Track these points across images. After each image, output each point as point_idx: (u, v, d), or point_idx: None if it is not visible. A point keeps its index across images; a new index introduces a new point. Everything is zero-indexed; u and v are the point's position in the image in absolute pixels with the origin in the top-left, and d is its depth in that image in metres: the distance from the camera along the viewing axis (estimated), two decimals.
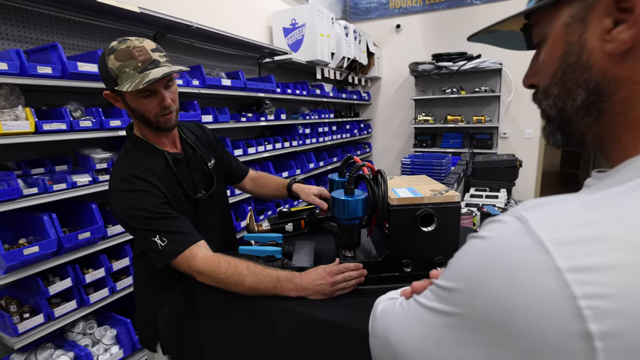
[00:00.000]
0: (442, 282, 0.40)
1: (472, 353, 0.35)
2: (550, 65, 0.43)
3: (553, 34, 0.42)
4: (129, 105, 1.01)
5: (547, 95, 0.45)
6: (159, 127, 1.04)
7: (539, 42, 0.46)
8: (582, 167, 7.22)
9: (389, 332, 0.47)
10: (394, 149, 5.96)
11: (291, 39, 3.76)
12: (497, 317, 0.33)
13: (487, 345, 0.34)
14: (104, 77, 0.98)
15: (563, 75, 0.41)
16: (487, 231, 0.38)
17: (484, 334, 0.34)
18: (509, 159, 2.82)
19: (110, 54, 0.95)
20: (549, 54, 0.43)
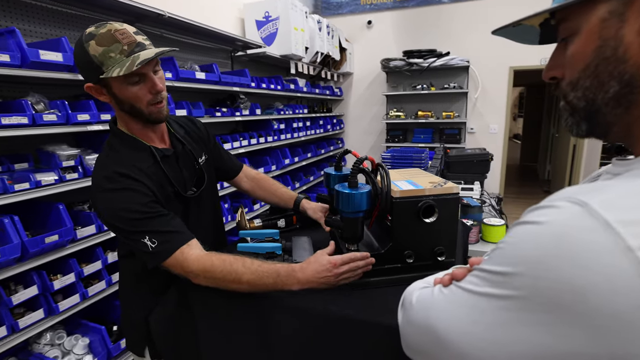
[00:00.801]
0: (494, 268, 0.41)
1: (534, 333, 0.36)
2: (582, 58, 0.44)
3: (588, 28, 0.43)
4: (116, 96, 0.92)
5: (575, 87, 0.46)
6: (150, 117, 0.95)
7: (566, 37, 0.47)
8: (540, 161, 7.67)
9: (432, 320, 0.48)
10: (366, 145, 6.03)
11: (265, 32, 3.68)
12: (565, 297, 0.34)
13: (552, 324, 0.35)
14: (84, 67, 0.88)
15: (596, 68, 0.43)
16: (540, 217, 0.38)
17: (550, 314, 0.35)
18: (482, 153, 2.92)
19: (90, 40, 0.85)
20: (582, 47, 0.44)
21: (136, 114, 0.94)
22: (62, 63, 1.70)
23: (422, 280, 0.60)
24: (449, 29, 5.11)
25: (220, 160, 1.27)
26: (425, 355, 0.51)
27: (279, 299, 0.90)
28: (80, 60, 0.88)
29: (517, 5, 4.73)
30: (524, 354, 0.38)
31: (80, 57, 0.87)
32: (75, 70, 1.77)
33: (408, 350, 0.56)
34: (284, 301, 0.89)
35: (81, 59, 0.88)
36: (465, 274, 0.48)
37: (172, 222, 0.91)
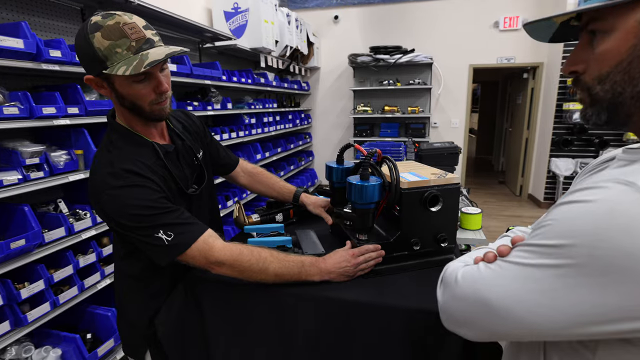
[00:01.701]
0: (547, 242, 0.46)
1: (591, 294, 0.42)
2: (615, 55, 0.48)
3: (625, 28, 0.46)
4: (117, 91, 0.86)
5: (603, 81, 0.50)
6: (152, 116, 0.91)
7: (596, 33, 0.50)
8: (494, 153, 8.17)
9: (483, 292, 0.51)
10: (333, 139, 6.08)
11: (234, 23, 3.58)
12: (618, 261, 0.40)
13: (608, 285, 0.41)
14: (87, 58, 0.82)
15: (629, 65, 0.47)
16: (589, 196, 0.44)
17: (606, 277, 0.41)
18: (452, 146, 3.06)
19: (96, 32, 0.79)
20: (617, 45, 0.48)
21: (137, 111, 0.90)
22: (23, 50, 1.55)
23: (458, 260, 0.64)
24: (413, 27, 5.27)
25: (217, 155, 1.23)
26: (472, 326, 0.55)
27: (294, 289, 0.90)
28: (82, 50, 0.82)
29: (475, 5, 4.98)
30: (581, 313, 0.43)
31: (83, 48, 0.81)
32: (38, 59, 1.63)
33: (450, 324, 0.60)
34: (300, 290, 0.90)
35: (84, 50, 0.82)
36: (509, 251, 0.52)
37: (184, 215, 0.88)
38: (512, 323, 0.48)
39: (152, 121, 0.94)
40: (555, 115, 4.64)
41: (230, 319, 0.94)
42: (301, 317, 0.88)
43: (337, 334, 0.86)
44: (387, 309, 0.85)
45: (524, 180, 5.51)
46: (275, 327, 0.90)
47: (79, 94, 1.80)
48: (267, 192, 1.30)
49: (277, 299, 0.90)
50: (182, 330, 0.95)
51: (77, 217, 1.85)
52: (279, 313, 0.90)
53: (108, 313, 1.93)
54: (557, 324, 0.45)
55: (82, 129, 1.84)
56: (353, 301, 0.86)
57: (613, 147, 4.51)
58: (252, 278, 0.88)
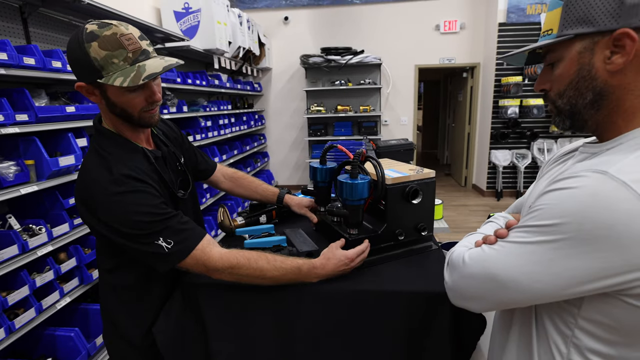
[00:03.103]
0: (542, 222, 0.56)
1: (581, 260, 0.52)
2: (567, 77, 0.62)
3: (570, 57, 0.60)
4: (109, 99, 0.86)
5: (562, 96, 0.64)
6: (141, 123, 0.91)
7: (553, 62, 0.64)
8: (439, 147, 8.72)
9: (491, 269, 0.61)
10: (288, 139, 6.11)
11: (185, 24, 3.47)
12: (601, 232, 0.50)
13: (594, 251, 0.51)
14: (82, 66, 0.82)
15: (577, 84, 0.61)
16: (573, 184, 0.54)
17: (592, 245, 0.51)
18: (407, 143, 3.24)
19: (92, 41, 0.79)
20: (566, 69, 0.61)
21: (126, 118, 0.90)
22: None
23: (460, 245, 0.73)
24: (361, 29, 5.47)
25: (195, 160, 1.23)
26: (480, 299, 0.65)
27: (294, 287, 0.94)
28: (76, 58, 0.81)
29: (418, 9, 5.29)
30: (573, 276, 0.53)
31: (78, 56, 0.80)
32: None
33: (459, 300, 0.69)
34: (300, 286, 0.93)
35: (78, 58, 0.81)
36: (507, 233, 0.62)
37: (182, 220, 0.88)
38: (517, 292, 0.58)
39: (141, 127, 0.94)
40: (493, 111, 5.09)
41: (230, 321, 0.95)
42: (303, 313, 0.92)
43: (338, 324, 0.92)
44: (383, 294, 0.92)
45: (468, 172, 5.97)
46: (276, 325, 0.93)
47: (27, 100, 1.66)
48: (251, 195, 1.31)
49: (277, 297, 0.93)
50: (181, 337, 0.94)
51: (31, 233, 1.70)
52: (279, 312, 0.93)
53: (70, 334, 1.80)
54: (554, 288, 0.55)
55: (33, 137, 1.70)
56: (351, 291, 0.93)
57: (542, 139, 5.07)
58: (250, 282, 0.91)
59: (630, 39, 0.53)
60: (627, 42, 0.54)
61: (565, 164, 0.72)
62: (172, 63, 0.86)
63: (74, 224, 1.90)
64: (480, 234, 0.75)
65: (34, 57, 1.72)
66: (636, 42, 0.54)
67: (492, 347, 0.82)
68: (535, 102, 4.85)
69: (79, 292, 1.91)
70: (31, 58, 1.71)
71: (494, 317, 0.84)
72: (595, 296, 0.55)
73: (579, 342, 0.59)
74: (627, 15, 0.53)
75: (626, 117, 0.59)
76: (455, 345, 0.92)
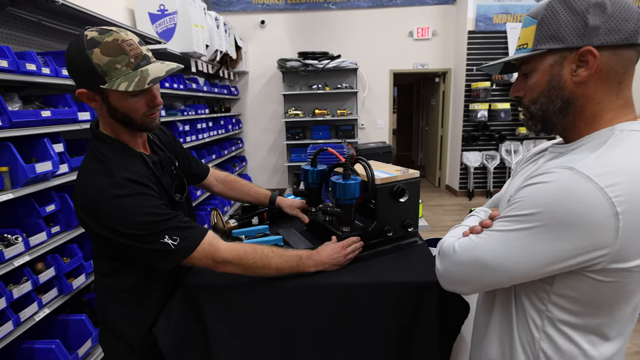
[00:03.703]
0: (521, 212, 0.64)
1: (555, 243, 0.61)
2: (539, 86, 0.70)
3: (542, 68, 0.69)
4: (111, 105, 0.87)
5: (535, 103, 0.72)
6: (142, 127, 0.93)
7: (527, 72, 0.72)
8: (413, 150, 8.96)
9: (479, 255, 0.68)
10: (266, 143, 6.10)
11: (161, 26, 3.42)
12: (570, 218, 0.59)
13: (564, 235, 0.59)
14: (84, 73, 0.83)
15: (548, 92, 0.69)
16: (546, 178, 0.63)
17: (562, 230, 0.60)
18: (385, 146, 3.33)
19: (94, 48, 0.80)
20: (539, 79, 0.70)
21: (127, 123, 0.91)
22: None
23: (448, 236, 0.80)
24: (338, 34, 5.56)
25: (189, 165, 1.24)
26: (469, 283, 0.72)
27: (293, 281, 0.98)
28: (78, 65, 0.82)
29: (392, 16, 5.45)
30: (548, 256, 0.62)
31: (79, 63, 0.82)
32: None
33: (450, 285, 0.76)
34: (298, 281, 0.98)
35: (80, 65, 0.82)
36: (491, 224, 0.70)
37: (184, 219, 0.90)
38: (501, 274, 0.66)
39: (141, 131, 0.96)
40: (464, 114, 5.31)
41: (231, 320, 0.97)
42: (301, 309, 0.96)
43: (336, 314, 0.96)
44: (376, 285, 0.98)
45: (441, 173, 6.18)
46: (275, 322, 0.96)
47: (0, 104, 1.60)
48: (244, 198, 1.34)
49: (277, 293, 0.96)
50: (183, 338, 0.95)
51: (7, 243, 1.64)
52: (278, 308, 0.96)
53: (51, 346, 1.74)
54: (532, 268, 0.64)
55: (8, 143, 1.64)
56: (349, 283, 0.98)
57: (509, 141, 5.34)
58: (255, 273, 0.94)
59: (592, 56, 0.62)
60: (590, 58, 0.63)
61: (537, 162, 0.80)
62: (173, 67, 0.88)
63: (51, 232, 1.84)
64: (466, 226, 0.82)
65: (7, 60, 1.66)
66: (597, 59, 0.63)
67: (475, 327, 0.89)
68: (502, 107, 5.10)
69: (58, 302, 1.85)
70: (4, 60, 1.65)
71: (477, 301, 0.92)
72: (564, 274, 0.64)
73: (552, 315, 0.68)
74: (590, 35, 0.62)
75: (587, 122, 0.68)
76: (442, 335, 0.98)
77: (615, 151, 0.62)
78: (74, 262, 1.95)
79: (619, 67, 0.64)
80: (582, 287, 0.63)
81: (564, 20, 0.64)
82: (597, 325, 0.67)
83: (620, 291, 0.63)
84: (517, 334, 0.74)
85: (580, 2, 0.63)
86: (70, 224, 1.96)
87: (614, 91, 0.66)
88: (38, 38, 2.29)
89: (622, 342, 0.70)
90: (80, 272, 2.01)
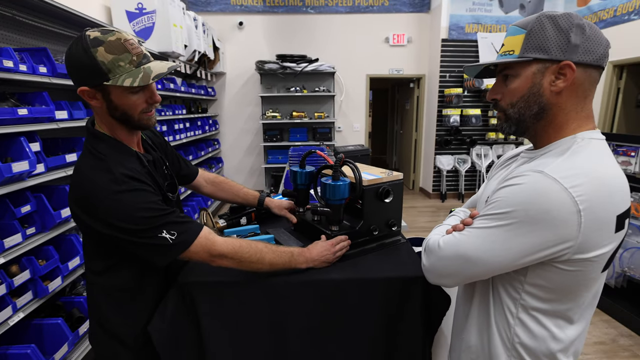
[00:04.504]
0: (498, 211, 0.72)
1: (528, 237, 0.69)
2: (520, 91, 0.77)
3: (525, 75, 0.75)
4: (111, 102, 0.90)
5: (513, 106, 0.79)
6: (139, 124, 0.96)
7: (508, 77, 0.79)
8: (388, 152, 9.17)
9: (462, 251, 0.76)
10: (243, 145, 6.07)
11: (138, 25, 3.36)
12: (540, 215, 0.67)
13: (536, 230, 0.68)
14: (87, 71, 0.85)
15: (528, 98, 0.76)
16: (520, 180, 0.71)
17: (534, 225, 0.68)
18: (364, 149, 3.42)
19: (98, 46, 0.84)
20: (521, 85, 0.76)
21: (125, 121, 0.94)
22: None
23: (433, 233, 0.87)
24: (316, 37, 5.63)
25: (178, 166, 1.26)
26: (454, 276, 0.79)
27: (285, 276, 1.02)
28: (81, 63, 0.85)
29: (369, 22, 5.59)
30: (522, 250, 0.70)
31: (83, 61, 0.84)
32: None
33: (435, 278, 0.83)
34: (291, 278, 1.02)
35: (84, 63, 0.85)
36: (471, 222, 0.77)
37: (180, 215, 0.93)
38: (482, 267, 0.74)
39: (138, 129, 0.99)
40: (437, 119, 5.52)
41: (225, 315, 1.00)
42: (295, 303, 1.00)
43: (327, 309, 1.01)
44: (364, 281, 1.04)
45: (415, 176, 6.38)
46: (268, 318, 1.00)
47: None
48: (233, 199, 1.37)
49: (270, 289, 1.00)
50: (177, 336, 0.97)
51: None
52: (272, 302, 1.00)
53: (27, 351, 1.69)
54: (508, 260, 0.72)
55: None
56: (337, 280, 1.03)
57: (480, 145, 5.59)
58: (249, 268, 0.98)
59: (570, 69, 0.71)
60: (568, 72, 0.71)
61: (509, 167, 0.89)
62: (174, 65, 0.94)
63: (26, 234, 1.78)
64: (448, 225, 0.90)
65: None
66: (574, 73, 0.71)
67: (456, 317, 0.97)
68: (473, 112, 5.35)
69: (33, 306, 1.79)
70: None
71: (457, 294, 1.00)
72: (536, 265, 0.72)
73: (525, 303, 0.77)
74: (571, 51, 0.71)
75: (556, 129, 0.76)
76: (426, 329, 1.06)
77: (578, 157, 0.71)
78: (50, 265, 1.89)
79: (587, 84, 0.73)
80: (551, 276, 0.72)
81: (550, 35, 0.71)
82: (564, 310, 0.76)
83: (582, 279, 0.72)
84: (494, 321, 0.82)
85: (566, 21, 0.71)
86: (45, 225, 1.90)
87: (581, 104, 0.75)
88: (14, 34, 2.21)
89: (584, 324, 0.80)
90: (56, 274, 1.95)
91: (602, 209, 0.67)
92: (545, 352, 0.77)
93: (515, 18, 5.31)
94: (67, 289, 2.28)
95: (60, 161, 2.03)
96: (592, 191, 0.66)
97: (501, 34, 5.30)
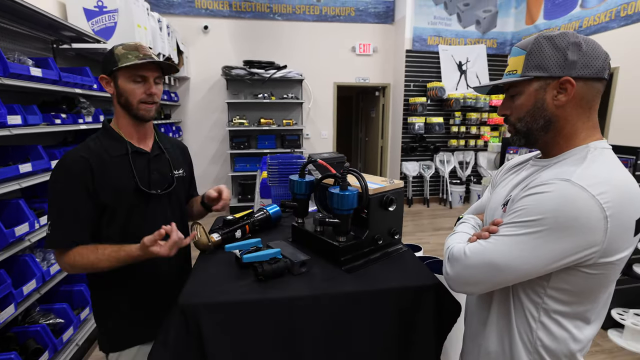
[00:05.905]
0: (526, 218, 0.73)
1: (557, 244, 0.70)
2: (526, 106, 0.82)
3: (528, 92, 0.80)
4: (119, 88, 1.09)
5: (521, 121, 0.84)
6: (138, 114, 1.12)
7: (514, 94, 0.84)
8: (353, 159, 9.29)
9: (490, 258, 0.76)
10: (208, 152, 5.86)
11: (98, 24, 3.13)
12: (570, 222, 0.69)
13: (566, 236, 0.69)
14: (106, 62, 1.09)
15: (533, 112, 0.81)
16: (547, 188, 0.73)
17: (563, 232, 0.70)
18: (339, 156, 3.41)
19: (119, 46, 1.09)
20: (526, 101, 0.81)
21: (128, 107, 1.11)
22: None
23: (454, 241, 0.86)
24: (283, 44, 5.60)
25: (189, 187, 1.39)
26: (480, 284, 0.79)
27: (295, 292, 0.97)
28: (105, 58, 1.10)
29: (336, 31, 5.65)
30: (551, 256, 0.71)
31: (106, 56, 1.10)
32: None
33: (460, 287, 0.82)
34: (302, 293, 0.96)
35: (106, 57, 1.10)
36: (495, 229, 0.78)
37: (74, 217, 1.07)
38: (510, 274, 0.75)
39: (138, 120, 1.14)
40: (403, 126, 5.68)
41: (233, 339, 0.92)
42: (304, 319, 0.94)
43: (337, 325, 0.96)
44: (376, 292, 1.00)
45: None
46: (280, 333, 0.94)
47: None
48: (196, 208, 1.39)
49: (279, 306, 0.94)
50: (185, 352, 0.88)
51: None
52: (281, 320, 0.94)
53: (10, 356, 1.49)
54: (538, 267, 0.73)
55: None
56: (346, 293, 0.98)
57: (442, 152, 5.82)
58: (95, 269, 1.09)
59: (570, 84, 0.75)
60: (569, 86, 0.76)
61: (519, 173, 0.91)
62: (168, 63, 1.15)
63: None
64: (463, 232, 0.90)
65: None
66: (575, 87, 0.75)
67: (469, 324, 0.97)
68: (437, 120, 5.57)
69: None
70: None
71: (467, 300, 1.00)
72: (561, 270, 0.74)
73: (547, 307, 0.78)
74: (570, 67, 0.75)
75: (566, 139, 0.81)
76: (439, 340, 1.04)
77: (597, 165, 0.74)
78: (2, 291, 1.67)
79: (589, 95, 0.77)
80: (576, 280, 0.74)
81: (549, 54, 0.76)
82: (583, 312, 0.78)
83: (604, 281, 0.75)
84: (515, 326, 0.82)
85: (562, 40, 0.75)
86: None
87: (586, 115, 0.79)
88: None
89: (598, 324, 0.83)
90: (8, 301, 1.73)
91: (626, 214, 0.70)
92: (566, 353, 0.79)
93: (472, 32, 5.64)
94: (20, 317, 2.02)
95: (11, 172, 1.80)
96: (616, 198, 0.69)
97: (460, 47, 5.60)
